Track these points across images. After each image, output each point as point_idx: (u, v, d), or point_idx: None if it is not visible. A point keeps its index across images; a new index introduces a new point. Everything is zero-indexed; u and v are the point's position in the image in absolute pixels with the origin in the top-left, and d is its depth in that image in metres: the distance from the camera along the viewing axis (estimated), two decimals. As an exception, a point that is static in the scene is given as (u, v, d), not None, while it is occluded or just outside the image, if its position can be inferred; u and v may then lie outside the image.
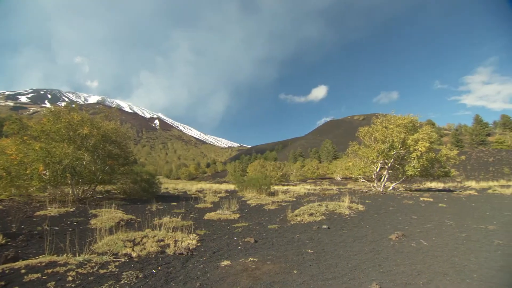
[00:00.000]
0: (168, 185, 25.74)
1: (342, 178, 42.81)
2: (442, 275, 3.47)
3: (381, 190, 13.67)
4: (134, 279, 3.29)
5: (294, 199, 11.15)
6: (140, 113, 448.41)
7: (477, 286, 3.12)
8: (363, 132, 15.07)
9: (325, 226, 6.00)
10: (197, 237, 5.18)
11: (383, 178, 14.64)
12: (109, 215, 6.66)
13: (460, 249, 4.42)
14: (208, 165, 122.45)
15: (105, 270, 3.47)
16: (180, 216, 7.08)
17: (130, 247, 4.23)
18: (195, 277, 3.47)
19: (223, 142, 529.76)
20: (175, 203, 10.31)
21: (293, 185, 30.07)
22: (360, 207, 7.95)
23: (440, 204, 8.63)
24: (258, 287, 3.17)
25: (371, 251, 4.46)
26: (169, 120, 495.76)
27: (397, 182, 15.44)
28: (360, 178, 16.27)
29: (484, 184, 24.22)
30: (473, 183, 26.36)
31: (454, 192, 13.68)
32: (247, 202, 10.65)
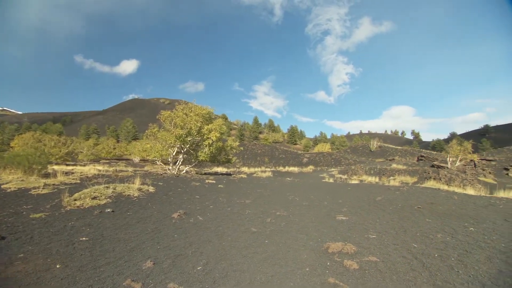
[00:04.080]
0: None
1: (140, 160, 41.52)
2: (207, 243, 4.19)
3: (175, 173, 14.53)
4: None
5: (78, 181, 9.51)
6: None
7: (229, 247, 4.04)
8: (165, 116, 15.34)
9: (109, 210, 5.56)
10: None
11: (178, 161, 15.62)
12: None
13: (225, 220, 5.55)
14: None
15: None
16: None
17: None
18: None
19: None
20: None
21: (81, 165, 25.57)
22: (151, 189, 8.05)
23: (219, 185, 10.40)
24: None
25: (153, 230, 4.63)
26: None
27: (190, 166, 17.02)
28: (157, 160, 16.48)
29: (252, 170, 31.98)
30: (246, 169, 34.03)
31: (232, 176, 17.00)
32: (3, 186, 7.87)
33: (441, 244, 4.14)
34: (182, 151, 15.52)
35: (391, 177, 21.03)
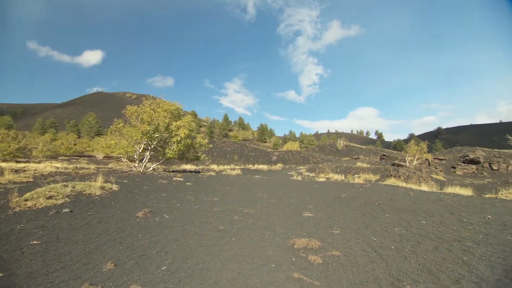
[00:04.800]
0: None
1: (104, 156, 39.39)
2: (173, 242, 4.09)
3: (141, 170, 13.99)
4: None
5: (31, 180, 8.77)
6: None
7: (196, 245, 3.98)
8: (131, 111, 14.66)
9: (66, 210, 5.19)
10: None
11: (145, 158, 15.06)
12: None
13: (192, 218, 5.45)
14: None
15: None
16: None
17: None
18: None
19: None
20: None
21: (36, 162, 23.56)
22: (115, 187, 7.67)
23: (187, 183, 10.20)
24: None
25: (116, 230, 4.42)
26: None
27: (157, 163, 16.49)
28: (123, 157, 15.75)
29: (222, 167, 31.76)
30: (215, 166, 33.71)
31: (200, 173, 16.76)
32: None
33: (397, 237, 4.44)
34: (149, 148, 14.98)
35: (356, 175, 22.07)
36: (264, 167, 35.23)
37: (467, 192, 11.06)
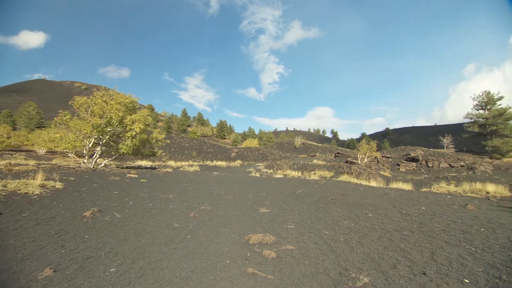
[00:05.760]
0: None
1: (47, 151, 35.71)
2: (124, 242, 3.88)
3: (91, 166, 12.96)
4: None
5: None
6: None
7: (148, 244, 3.82)
8: (79, 102, 13.42)
9: (-5, 212, 4.61)
10: None
11: (95, 154, 13.97)
12: None
13: (146, 216, 5.23)
14: None
15: None
16: None
17: None
18: None
19: None
20: None
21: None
22: (58, 185, 6.99)
23: (142, 180, 9.72)
24: None
25: (57, 232, 4.05)
26: None
27: (110, 159, 15.42)
28: (69, 153, 14.41)
29: (179, 164, 30.83)
30: (172, 163, 32.61)
31: (157, 170, 16.07)
32: None
33: (346, 230, 4.76)
34: (101, 143, 13.93)
35: (312, 172, 23.07)
36: (222, 163, 35.03)
37: (407, 187, 12.25)
